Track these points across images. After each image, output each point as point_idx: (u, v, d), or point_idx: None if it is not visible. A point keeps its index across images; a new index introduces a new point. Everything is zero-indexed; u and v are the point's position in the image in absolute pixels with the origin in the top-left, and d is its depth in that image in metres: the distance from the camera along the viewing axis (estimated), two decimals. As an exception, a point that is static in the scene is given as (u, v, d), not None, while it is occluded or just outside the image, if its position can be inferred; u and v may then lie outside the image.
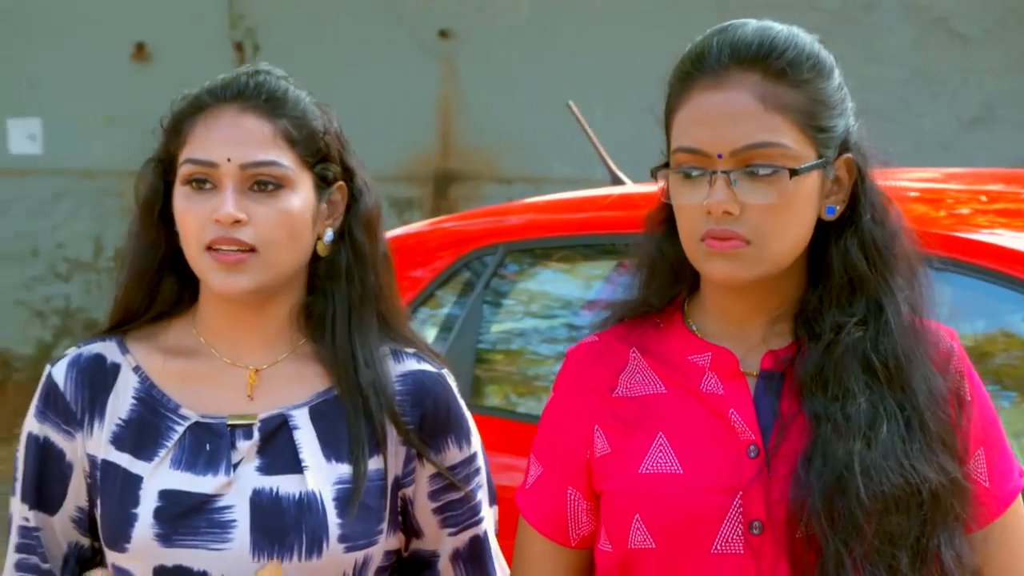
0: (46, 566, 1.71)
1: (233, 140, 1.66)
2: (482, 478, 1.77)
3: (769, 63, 1.50)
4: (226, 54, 8.22)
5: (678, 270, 1.59)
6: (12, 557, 1.73)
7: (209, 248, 1.66)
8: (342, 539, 1.65)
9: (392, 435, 1.72)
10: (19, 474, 1.74)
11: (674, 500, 1.52)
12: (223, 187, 1.66)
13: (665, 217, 1.60)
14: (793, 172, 1.49)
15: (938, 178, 3.50)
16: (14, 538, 1.73)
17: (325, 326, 1.72)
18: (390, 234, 3.45)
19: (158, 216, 1.72)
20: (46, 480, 1.72)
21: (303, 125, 1.69)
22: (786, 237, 1.51)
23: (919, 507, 1.48)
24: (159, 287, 1.74)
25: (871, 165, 1.57)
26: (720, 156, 1.49)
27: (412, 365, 1.75)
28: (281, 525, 1.65)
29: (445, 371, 1.78)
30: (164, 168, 1.73)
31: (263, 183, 1.66)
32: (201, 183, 1.67)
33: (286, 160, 1.67)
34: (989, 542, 1.55)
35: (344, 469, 1.68)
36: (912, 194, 2.71)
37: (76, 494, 1.72)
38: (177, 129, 1.70)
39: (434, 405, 1.73)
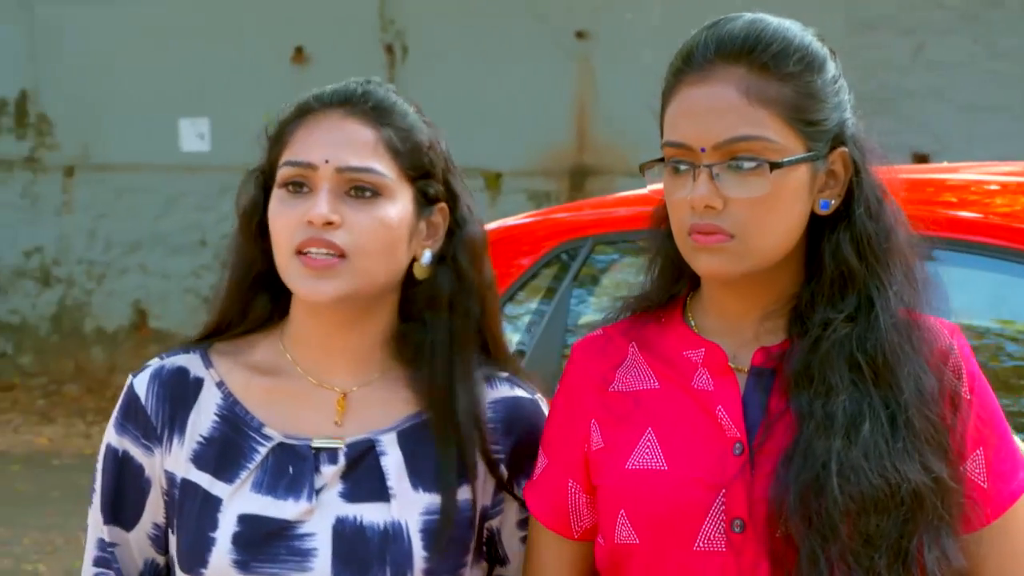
0: None
1: (333, 143, 1.59)
2: None
3: (754, 56, 1.46)
4: (377, 56, 8.46)
5: (679, 266, 1.56)
6: (89, 571, 1.66)
7: (299, 252, 1.57)
8: (427, 573, 1.58)
9: (481, 465, 1.64)
10: (97, 486, 1.65)
11: (658, 496, 1.49)
12: (318, 189, 1.58)
13: (667, 214, 1.57)
14: (774, 165, 1.45)
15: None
16: (92, 550, 1.66)
17: (423, 354, 1.63)
18: (508, 222, 3.64)
19: (256, 228, 1.64)
20: (123, 495, 1.64)
21: (408, 137, 1.61)
22: (771, 231, 1.47)
23: (899, 507, 1.43)
24: (253, 303, 1.66)
25: (869, 160, 1.52)
26: (703, 150, 1.45)
27: (506, 391, 1.68)
28: (365, 555, 1.56)
29: (539, 396, 1.70)
30: (266, 178, 1.65)
31: (360, 189, 1.59)
32: (298, 187, 1.59)
33: (386, 169, 1.59)
34: (986, 544, 1.50)
35: (431, 499, 1.60)
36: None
37: (154, 511, 1.64)
38: (280, 136, 1.63)
39: (527, 433, 1.66)
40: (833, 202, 1.51)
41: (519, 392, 1.69)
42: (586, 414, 1.57)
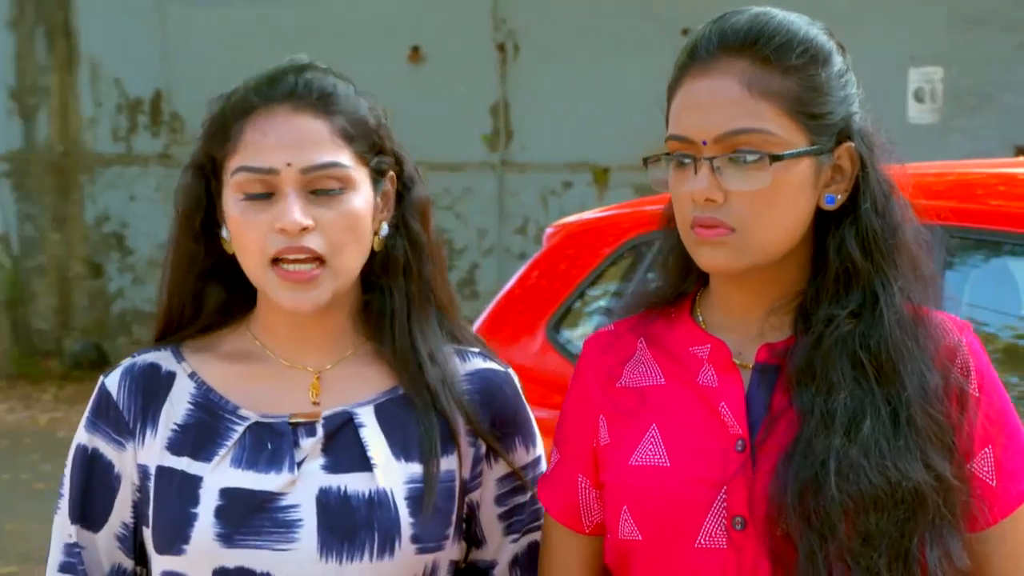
0: None
1: (291, 143, 1.52)
2: None
3: (756, 49, 1.44)
4: (490, 55, 8.63)
5: (689, 263, 1.53)
6: None
7: (275, 261, 1.52)
8: (415, 539, 1.54)
9: (462, 436, 1.61)
10: (64, 490, 1.61)
11: (660, 493, 1.46)
12: (283, 194, 1.52)
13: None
14: (775, 158, 1.42)
15: None
16: (57, 556, 1.60)
17: (385, 323, 1.61)
18: (594, 214, 3.82)
19: (200, 226, 1.59)
20: (92, 493, 1.59)
21: (356, 121, 1.56)
22: (773, 225, 1.44)
23: (899, 506, 1.40)
24: (203, 297, 1.61)
25: (877, 155, 1.49)
26: (704, 143, 1.43)
27: (479, 364, 1.66)
28: (351, 523, 1.52)
29: (511, 370, 1.69)
30: (205, 174, 1.58)
31: (325, 188, 1.53)
32: (261, 194, 1.52)
33: (346, 159, 1.54)
34: (992, 543, 1.47)
35: (415, 468, 1.57)
36: None
37: (122, 509, 1.59)
38: (223, 132, 1.55)
39: (503, 405, 1.64)
40: (839, 197, 1.48)
41: (492, 365, 1.67)
42: (594, 409, 1.55)
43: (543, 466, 1.66)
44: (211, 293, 1.62)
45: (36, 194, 9.94)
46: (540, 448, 1.68)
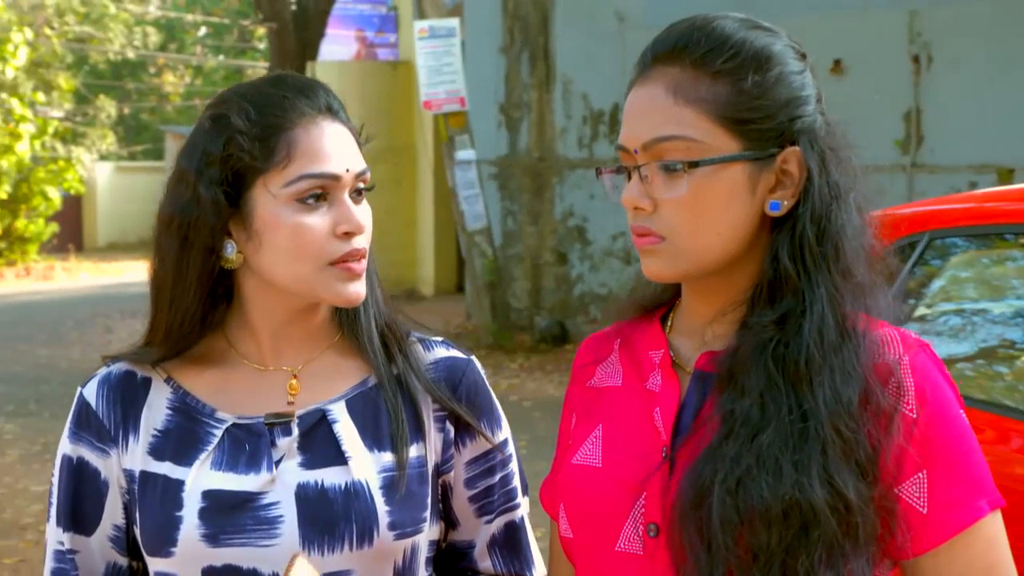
0: None
1: (343, 151, 1.57)
2: (515, 465, 1.70)
3: (685, 55, 1.39)
4: (904, 66, 9.07)
5: None
6: None
7: (333, 264, 1.55)
8: (392, 526, 1.57)
9: (430, 422, 1.64)
10: (53, 499, 1.63)
11: (589, 493, 1.45)
12: (339, 198, 1.56)
13: None
14: (692, 164, 1.36)
15: None
16: (50, 564, 1.64)
17: (355, 316, 1.65)
18: (900, 209, 3.59)
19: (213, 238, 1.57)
20: (81, 501, 1.62)
21: (356, 126, 1.63)
22: (704, 233, 1.38)
23: (788, 523, 1.30)
24: (208, 313, 1.61)
25: (829, 159, 1.40)
26: (636, 151, 1.39)
27: (442, 352, 1.69)
28: (330, 515, 1.55)
29: (473, 358, 1.71)
30: (225, 189, 1.56)
31: (360, 190, 1.59)
32: (317, 197, 1.54)
33: (365, 163, 1.62)
34: (929, 571, 1.35)
35: (387, 457, 1.60)
36: None
37: (112, 512, 1.62)
38: (273, 145, 1.54)
39: (467, 390, 1.66)
40: (785, 203, 1.40)
41: (455, 353, 1.70)
42: (571, 408, 1.56)
43: (510, 448, 1.69)
44: (217, 307, 1.63)
45: (516, 194, 11.33)
46: (507, 431, 1.69)
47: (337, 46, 17.80)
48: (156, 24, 32.55)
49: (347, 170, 1.56)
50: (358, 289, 1.58)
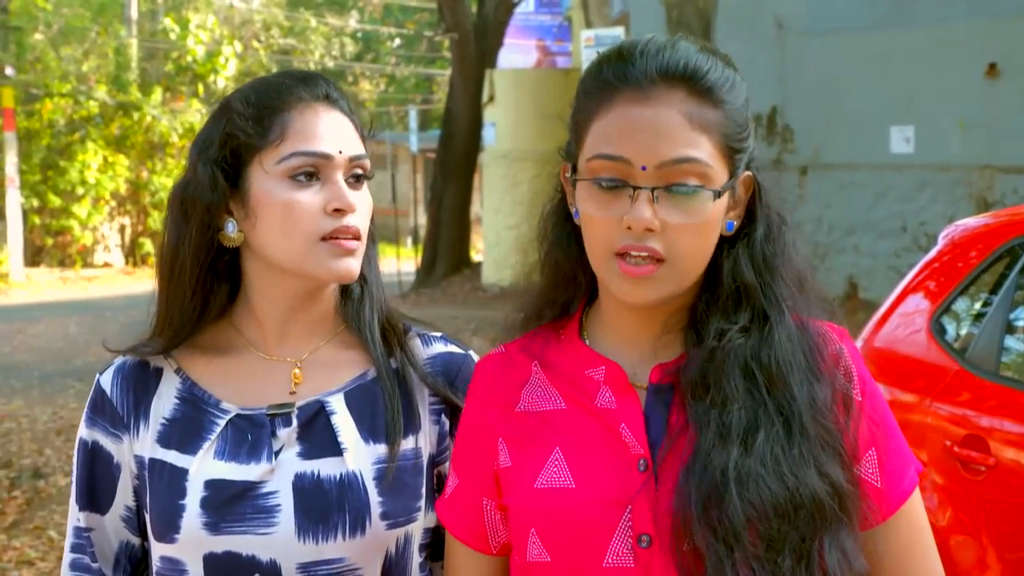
0: (96, 565, 1.69)
1: (338, 135, 1.61)
2: None
3: (694, 83, 1.41)
4: None
5: (575, 279, 1.54)
6: (67, 557, 1.71)
7: (324, 239, 1.58)
8: (384, 516, 1.59)
9: (426, 414, 1.66)
10: (73, 479, 1.70)
11: (567, 514, 1.45)
12: (331, 179, 1.60)
13: (562, 222, 1.54)
14: (717, 194, 1.41)
15: None
16: (69, 538, 1.71)
17: (359, 309, 1.69)
18: (980, 218, 3.84)
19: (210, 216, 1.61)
20: (96, 482, 1.68)
21: (359, 118, 1.68)
22: (700, 255, 1.43)
23: (799, 512, 1.39)
24: (211, 294, 1.66)
25: (763, 180, 1.49)
26: (644, 168, 1.39)
27: (440, 348, 1.71)
28: (324, 505, 1.58)
29: (471, 352, 1.72)
30: (222, 167, 1.60)
31: (358, 175, 1.62)
32: (308, 175, 1.58)
33: (365, 150, 1.65)
34: (882, 540, 1.48)
35: (382, 449, 1.62)
36: None
37: (124, 494, 1.67)
38: (267, 122, 1.59)
39: (464, 384, 1.65)
40: (736, 223, 1.47)
41: (453, 348, 1.72)
42: (493, 433, 1.54)
43: None
44: (217, 289, 1.67)
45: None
46: None
47: (518, 55, 18.36)
48: (353, 36, 33.69)
49: (340, 152, 1.61)
50: (349, 265, 1.61)
